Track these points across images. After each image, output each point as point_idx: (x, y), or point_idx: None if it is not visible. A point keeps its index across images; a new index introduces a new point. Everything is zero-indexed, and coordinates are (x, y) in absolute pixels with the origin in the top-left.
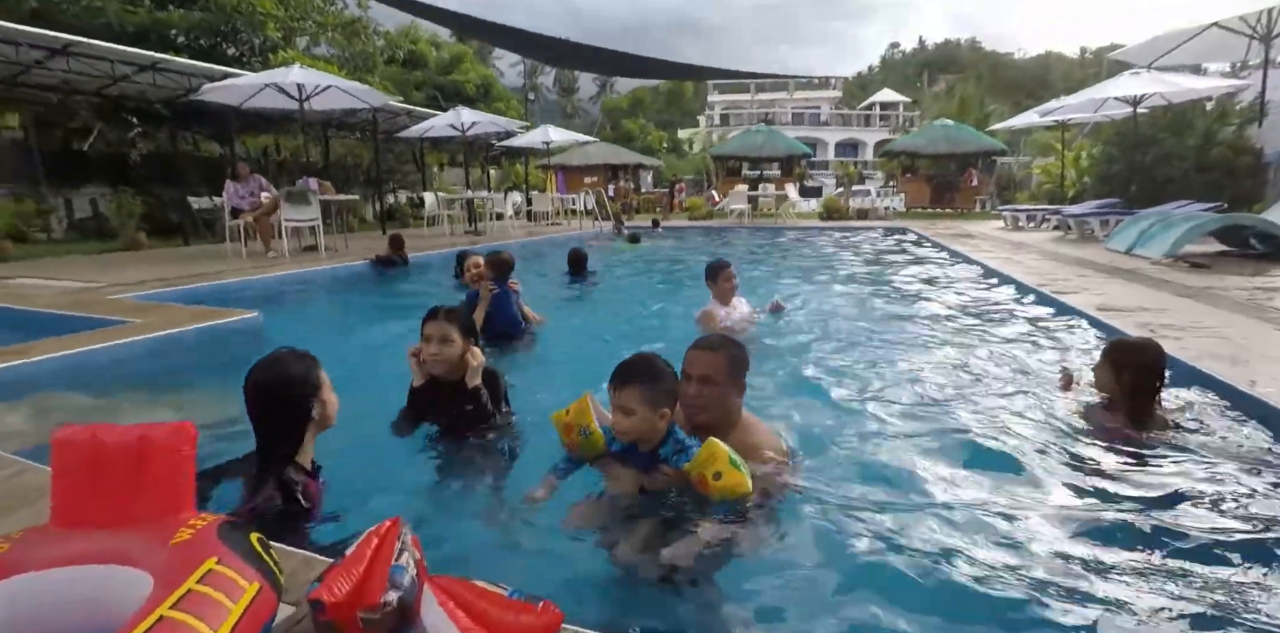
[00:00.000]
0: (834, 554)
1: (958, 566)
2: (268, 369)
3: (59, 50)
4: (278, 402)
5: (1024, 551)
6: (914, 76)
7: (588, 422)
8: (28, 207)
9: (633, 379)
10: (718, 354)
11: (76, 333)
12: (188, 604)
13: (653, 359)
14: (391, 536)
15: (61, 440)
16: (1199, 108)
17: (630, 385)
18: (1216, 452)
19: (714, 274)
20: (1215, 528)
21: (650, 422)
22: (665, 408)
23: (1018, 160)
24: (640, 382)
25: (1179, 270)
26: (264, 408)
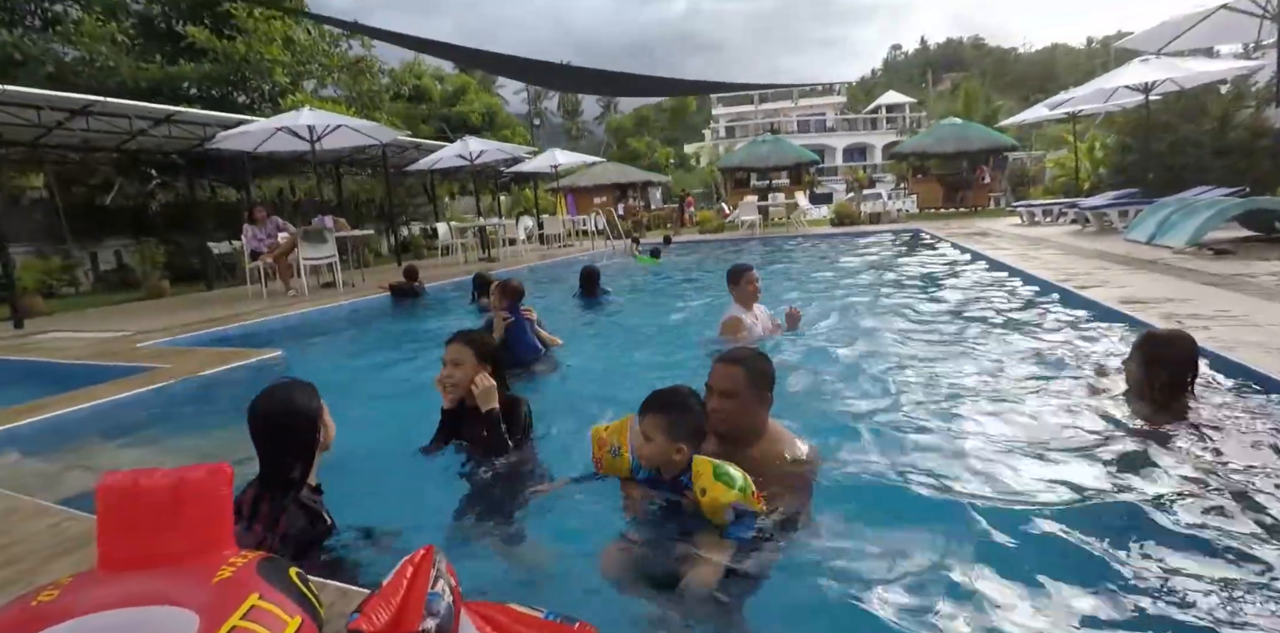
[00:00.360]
0: (864, 562)
1: (986, 565)
2: (276, 400)
3: (79, 111)
4: (289, 430)
5: (1057, 548)
6: (918, 77)
7: (621, 442)
8: (54, 263)
9: (657, 409)
10: (739, 368)
11: (108, 381)
12: None
13: (684, 395)
14: (426, 564)
15: (105, 487)
16: (1213, 91)
17: (653, 414)
18: (1253, 444)
19: (736, 277)
20: (1253, 522)
21: (665, 453)
22: (683, 443)
23: (1030, 155)
24: (664, 413)
25: (1203, 258)
26: (275, 436)
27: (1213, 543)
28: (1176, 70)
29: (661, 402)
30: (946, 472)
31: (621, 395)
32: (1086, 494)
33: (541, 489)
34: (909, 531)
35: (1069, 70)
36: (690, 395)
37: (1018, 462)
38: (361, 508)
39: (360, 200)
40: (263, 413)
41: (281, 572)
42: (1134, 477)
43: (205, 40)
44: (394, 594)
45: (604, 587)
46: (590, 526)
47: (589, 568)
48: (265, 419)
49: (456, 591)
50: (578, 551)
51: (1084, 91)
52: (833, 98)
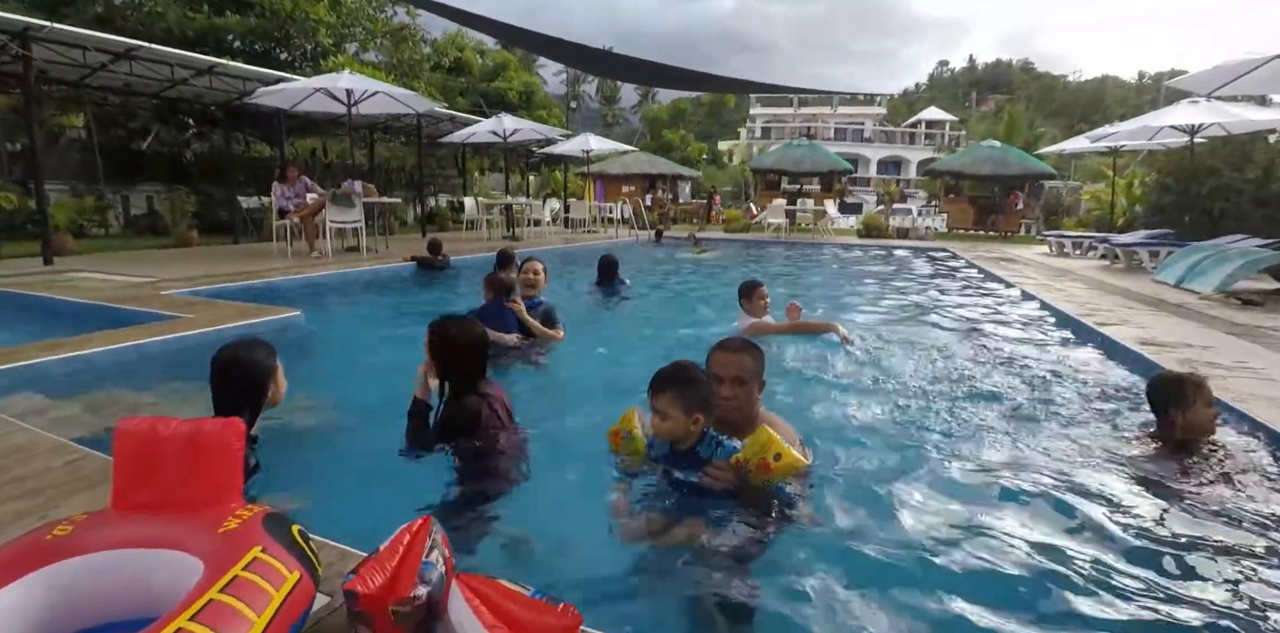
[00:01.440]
0: (856, 568)
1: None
2: (237, 351)
3: (122, 54)
4: (242, 379)
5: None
6: (962, 96)
7: (631, 427)
8: (86, 203)
9: (669, 386)
10: (744, 355)
11: (131, 326)
12: (235, 589)
13: (689, 368)
14: (423, 533)
15: (124, 431)
16: (1261, 140)
17: (666, 392)
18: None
19: (748, 293)
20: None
21: (684, 425)
22: (699, 414)
23: (1066, 185)
24: (675, 388)
25: (1229, 307)
26: (229, 384)
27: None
28: (1225, 115)
29: (671, 378)
30: (930, 480)
31: (615, 383)
32: (1083, 528)
33: (620, 510)
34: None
35: (1117, 103)
36: (695, 368)
37: (1001, 482)
38: (356, 471)
39: (391, 167)
40: (223, 362)
41: (284, 528)
42: (1136, 500)
43: None
44: (389, 559)
45: (591, 570)
46: (583, 511)
47: (578, 552)
48: (224, 368)
49: (449, 562)
50: (569, 534)
51: (1129, 127)
52: (872, 108)
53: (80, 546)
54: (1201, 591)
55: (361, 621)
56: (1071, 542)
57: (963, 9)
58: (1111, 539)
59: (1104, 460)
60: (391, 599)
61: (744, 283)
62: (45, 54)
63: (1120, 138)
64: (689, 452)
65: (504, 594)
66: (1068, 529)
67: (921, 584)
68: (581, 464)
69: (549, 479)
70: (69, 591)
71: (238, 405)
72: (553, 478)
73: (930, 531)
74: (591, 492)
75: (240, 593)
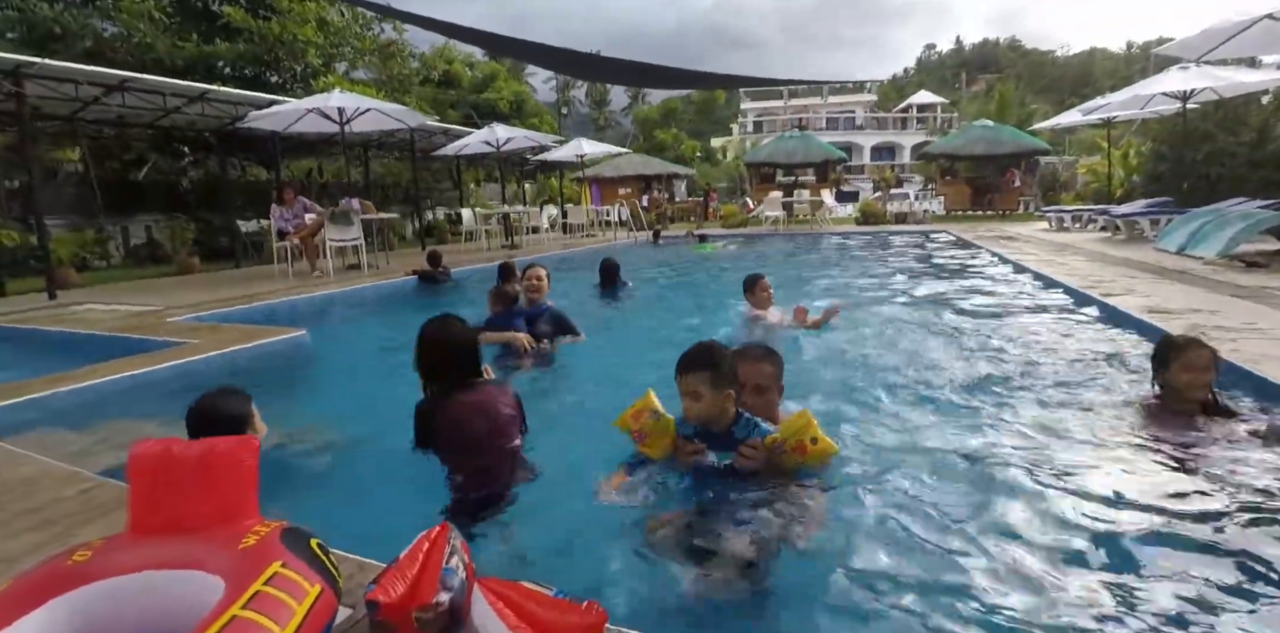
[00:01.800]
0: (878, 554)
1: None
2: (210, 402)
3: (115, 86)
4: (220, 428)
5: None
6: (951, 77)
7: (655, 406)
8: (87, 236)
9: (696, 366)
10: (764, 363)
11: (138, 354)
12: (257, 605)
13: (712, 345)
14: (441, 539)
15: (138, 453)
16: (1254, 102)
17: (695, 372)
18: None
19: (751, 285)
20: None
21: (718, 403)
22: (729, 389)
23: (1062, 160)
24: (703, 367)
25: (1233, 270)
26: (205, 434)
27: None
28: (1216, 79)
29: (698, 357)
30: (954, 472)
31: (614, 387)
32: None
33: (610, 495)
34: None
35: (1107, 75)
36: (715, 344)
37: (1022, 464)
38: (368, 487)
39: (387, 183)
40: (198, 413)
41: (303, 542)
42: (1162, 483)
43: (240, 20)
44: (410, 568)
45: (615, 568)
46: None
47: (599, 551)
48: (196, 416)
49: (470, 566)
50: (590, 532)
51: (1120, 97)
52: (863, 96)
53: (100, 570)
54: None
55: (385, 630)
56: (1051, 513)
57: None
58: (1079, 512)
59: (1106, 428)
60: (414, 607)
61: (747, 276)
62: (38, 90)
63: (1113, 109)
64: (725, 433)
65: (526, 596)
66: (1051, 499)
67: (936, 581)
68: (600, 465)
69: (572, 480)
70: (91, 616)
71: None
72: (576, 479)
73: (943, 517)
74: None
75: (263, 608)
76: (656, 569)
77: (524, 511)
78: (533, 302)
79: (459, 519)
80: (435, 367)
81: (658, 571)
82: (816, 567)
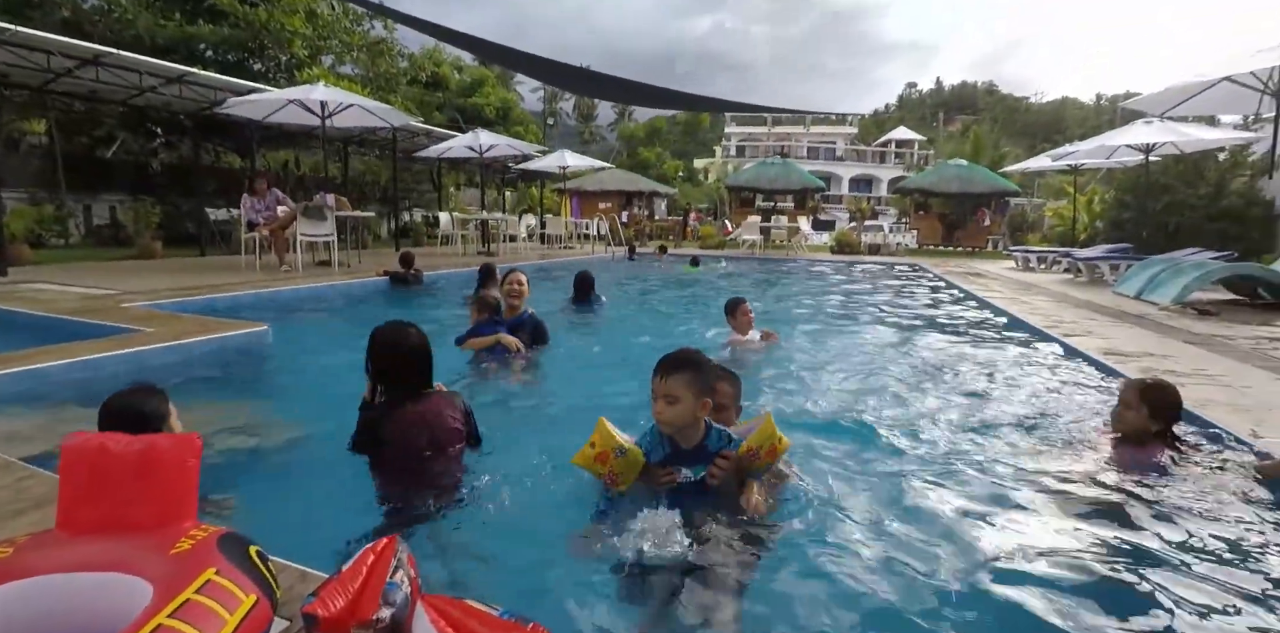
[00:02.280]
0: (826, 578)
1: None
2: (122, 399)
3: (89, 60)
4: (133, 428)
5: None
6: (930, 116)
7: (618, 442)
8: (46, 212)
9: (680, 368)
10: (724, 382)
11: (88, 340)
12: (185, 614)
13: (696, 352)
14: (388, 553)
15: (71, 447)
16: (1211, 158)
17: (677, 373)
18: (1217, 490)
19: (733, 309)
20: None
21: (692, 410)
22: (706, 398)
23: (1031, 202)
24: (686, 369)
25: (1187, 317)
26: (119, 427)
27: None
28: (1177, 134)
29: (682, 360)
30: (899, 487)
31: (581, 400)
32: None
33: (589, 548)
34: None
35: (1076, 124)
36: (699, 352)
37: (981, 496)
38: (319, 492)
39: (365, 181)
40: (106, 409)
41: (241, 549)
42: (1114, 510)
43: (227, 4)
44: (352, 581)
45: (562, 588)
46: (555, 525)
47: (549, 570)
48: (105, 414)
49: (415, 582)
50: (540, 551)
51: (1088, 146)
52: (844, 128)
53: (20, 569)
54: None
55: None
56: (1000, 537)
57: (933, 34)
58: (1023, 542)
59: (1061, 458)
60: (353, 623)
61: (729, 300)
62: (7, 57)
63: (1080, 157)
64: (697, 447)
65: (470, 615)
66: (996, 523)
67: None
68: (557, 480)
69: (527, 495)
70: (7, 617)
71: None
72: (530, 493)
73: (894, 535)
74: (569, 507)
75: (191, 618)
76: (609, 590)
77: (477, 525)
78: (514, 307)
79: (389, 531)
80: (388, 373)
81: (610, 591)
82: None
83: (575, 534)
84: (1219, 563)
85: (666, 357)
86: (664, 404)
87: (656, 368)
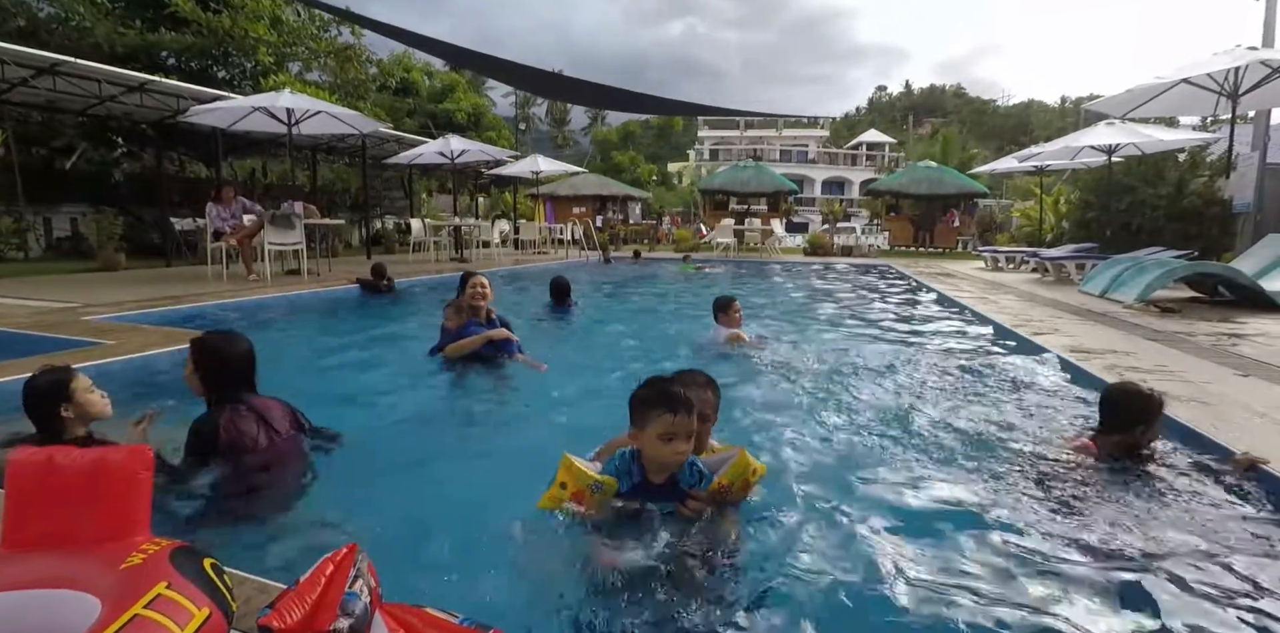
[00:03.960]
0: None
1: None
2: (28, 381)
3: (46, 69)
4: (31, 405)
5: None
6: (900, 119)
7: (592, 478)
8: (4, 225)
9: (710, 386)
10: (708, 391)
11: (46, 354)
12: (134, 629)
13: (708, 376)
14: (347, 562)
15: (18, 461)
16: (1171, 158)
17: (711, 392)
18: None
19: (724, 307)
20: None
21: (702, 435)
22: (708, 423)
23: (999, 203)
24: (713, 389)
25: (1150, 315)
26: (27, 408)
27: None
28: (1138, 136)
29: (705, 380)
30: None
31: (554, 402)
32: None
33: (615, 562)
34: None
35: (1042, 126)
36: (703, 373)
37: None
38: (281, 502)
39: (335, 189)
40: (27, 387)
41: (195, 562)
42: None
43: (189, 11)
44: (310, 592)
45: (522, 594)
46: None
47: (509, 576)
48: (23, 393)
49: (375, 591)
50: (500, 557)
51: (1052, 148)
52: (816, 131)
53: None
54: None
55: None
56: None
57: (902, 37)
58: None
59: (1034, 461)
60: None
61: (719, 298)
62: None
63: (1045, 158)
64: (668, 482)
65: (430, 623)
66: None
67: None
68: (520, 485)
69: (491, 501)
70: None
71: (41, 427)
72: (495, 499)
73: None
74: (528, 513)
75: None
76: (571, 596)
77: (435, 531)
78: (476, 310)
79: (237, 525)
80: (226, 377)
81: (573, 597)
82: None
83: (600, 543)
84: (1206, 561)
85: (679, 393)
86: (682, 444)
87: (672, 405)
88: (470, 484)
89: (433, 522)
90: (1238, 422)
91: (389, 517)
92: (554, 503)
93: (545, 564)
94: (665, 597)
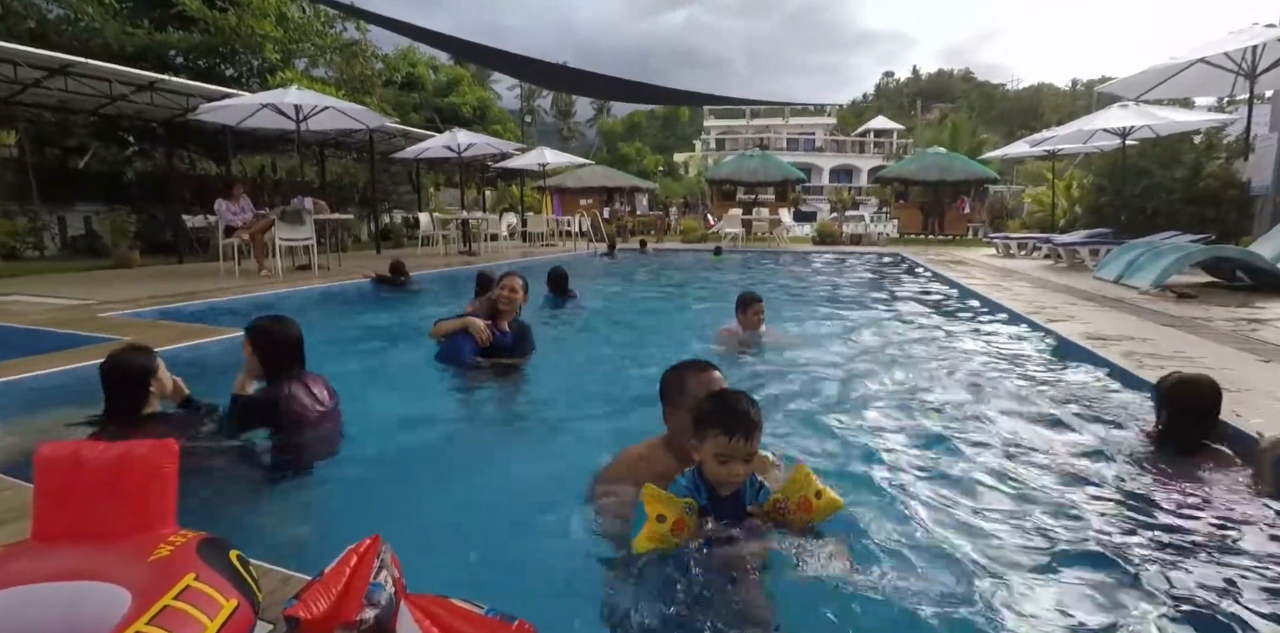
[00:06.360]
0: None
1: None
2: (115, 357)
3: (57, 70)
4: (120, 380)
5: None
6: (908, 105)
7: (682, 501)
8: (19, 224)
9: (760, 423)
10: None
11: (64, 350)
12: (164, 620)
13: (750, 400)
14: (370, 554)
15: (45, 456)
16: (1187, 140)
17: (758, 430)
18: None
19: (745, 306)
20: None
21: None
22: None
23: (1010, 189)
24: (759, 426)
25: (1166, 300)
26: (112, 383)
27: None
28: (1153, 118)
29: (757, 415)
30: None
31: (565, 399)
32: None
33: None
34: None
35: (1053, 110)
36: (748, 396)
37: (970, 473)
38: (306, 493)
39: (343, 184)
40: (103, 364)
41: (222, 554)
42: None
43: (196, 9)
44: (335, 583)
45: (548, 585)
46: (542, 525)
47: (534, 567)
48: (104, 369)
49: (399, 582)
50: (525, 548)
51: (1065, 131)
52: (823, 119)
53: None
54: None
55: None
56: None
57: (908, 22)
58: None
59: (1069, 459)
60: (336, 624)
61: (743, 295)
62: None
63: (1057, 142)
64: (733, 496)
65: (455, 614)
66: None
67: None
68: (542, 477)
69: (511, 493)
70: None
71: (123, 400)
72: (515, 491)
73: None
74: (553, 506)
75: (170, 624)
76: (593, 588)
77: (461, 522)
78: (504, 314)
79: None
80: (282, 358)
81: (594, 589)
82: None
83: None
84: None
85: (744, 413)
86: (741, 466)
87: (729, 429)
88: (491, 478)
89: (456, 515)
90: (1261, 408)
91: (411, 510)
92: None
93: (569, 557)
94: (686, 595)
